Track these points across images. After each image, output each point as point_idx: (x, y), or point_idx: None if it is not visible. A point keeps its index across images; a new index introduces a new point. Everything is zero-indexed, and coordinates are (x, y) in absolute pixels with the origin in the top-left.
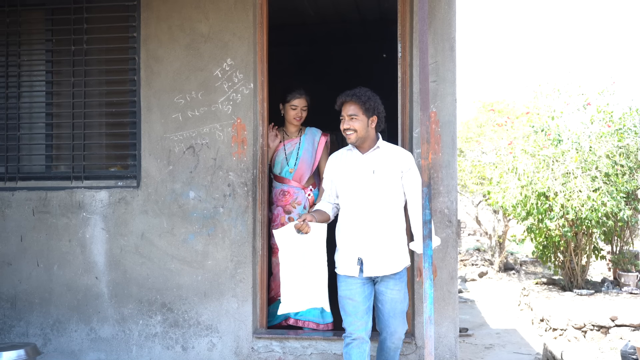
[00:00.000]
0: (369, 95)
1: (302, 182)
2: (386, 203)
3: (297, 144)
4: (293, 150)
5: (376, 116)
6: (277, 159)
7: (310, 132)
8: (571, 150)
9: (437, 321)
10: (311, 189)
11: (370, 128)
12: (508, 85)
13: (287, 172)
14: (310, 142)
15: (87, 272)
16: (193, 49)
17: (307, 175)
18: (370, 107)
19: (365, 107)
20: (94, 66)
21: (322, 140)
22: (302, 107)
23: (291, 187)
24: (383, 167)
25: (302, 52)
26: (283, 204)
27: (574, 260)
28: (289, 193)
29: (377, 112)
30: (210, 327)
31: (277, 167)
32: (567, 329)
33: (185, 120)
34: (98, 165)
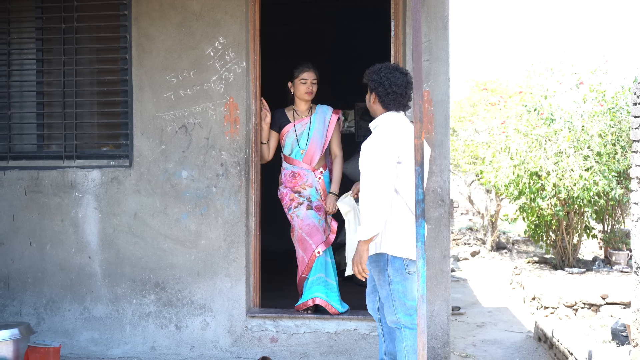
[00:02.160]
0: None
1: (313, 164)
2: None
3: (307, 124)
4: (304, 130)
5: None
6: (288, 140)
7: (321, 111)
8: (564, 130)
9: (429, 300)
10: (321, 171)
11: (374, 104)
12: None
13: (298, 153)
14: (321, 121)
15: (80, 252)
16: (185, 27)
17: (318, 156)
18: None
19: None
20: (84, 44)
21: (334, 118)
22: (312, 81)
23: (301, 168)
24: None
25: (295, 31)
26: (292, 185)
27: (566, 239)
28: (299, 175)
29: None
30: (204, 307)
31: (287, 148)
32: (558, 307)
33: (178, 99)
34: (90, 145)
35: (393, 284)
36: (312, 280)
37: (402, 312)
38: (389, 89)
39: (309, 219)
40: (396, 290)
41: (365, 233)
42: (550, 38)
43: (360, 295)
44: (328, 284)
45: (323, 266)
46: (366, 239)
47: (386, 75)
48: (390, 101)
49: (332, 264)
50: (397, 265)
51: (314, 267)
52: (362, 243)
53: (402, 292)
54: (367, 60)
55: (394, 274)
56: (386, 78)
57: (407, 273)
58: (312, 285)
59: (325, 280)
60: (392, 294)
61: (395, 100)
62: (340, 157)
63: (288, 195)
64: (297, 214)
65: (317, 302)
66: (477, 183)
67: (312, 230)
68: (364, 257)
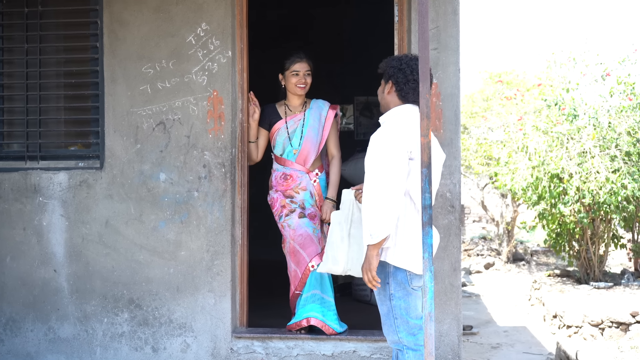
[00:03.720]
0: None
1: (307, 165)
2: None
3: (300, 120)
4: (297, 127)
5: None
6: (279, 139)
7: (316, 106)
8: (588, 127)
9: (438, 318)
10: (317, 173)
11: (388, 96)
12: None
13: (291, 153)
14: (316, 118)
15: (44, 265)
16: (163, 12)
17: (313, 157)
18: (388, 72)
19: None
20: (50, 31)
21: (331, 114)
22: (305, 72)
23: (294, 170)
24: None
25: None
26: (283, 188)
27: (591, 249)
28: (292, 177)
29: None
30: (184, 326)
31: (278, 147)
32: (582, 326)
33: (155, 92)
34: (56, 144)
35: (395, 299)
36: (307, 298)
37: (404, 332)
38: (409, 76)
39: (301, 229)
40: (398, 306)
41: (375, 235)
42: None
43: (359, 312)
44: (324, 301)
45: (318, 281)
46: (375, 242)
47: (407, 63)
48: (409, 90)
49: (328, 279)
50: (400, 278)
51: (308, 283)
52: (372, 247)
53: (404, 309)
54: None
55: (396, 288)
56: (407, 65)
57: (411, 288)
58: (307, 303)
59: (321, 297)
60: (393, 311)
61: (415, 89)
62: (338, 158)
63: (279, 201)
64: (288, 223)
65: (312, 323)
66: (491, 187)
67: (306, 241)
68: (373, 263)
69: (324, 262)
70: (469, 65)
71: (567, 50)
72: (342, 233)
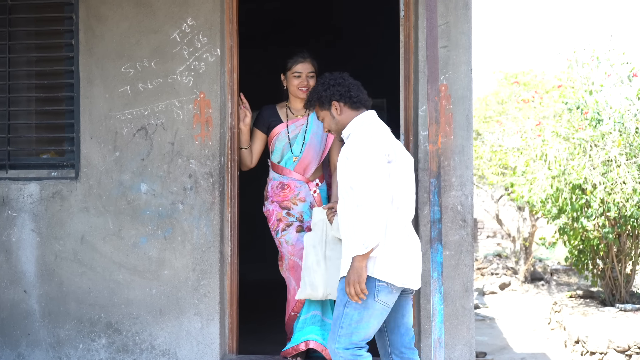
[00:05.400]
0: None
1: (307, 174)
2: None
3: (303, 126)
4: (298, 133)
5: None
6: (278, 144)
7: None
8: (613, 133)
9: (448, 344)
10: (317, 183)
11: (341, 115)
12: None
13: (290, 160)
14: (320, 123)
15: (13, 285)
16: (145, 6)
17: (314, 166)
18: (323, 99)
19: (320, 103)
20: (20, 27)
21: None
22: (308, 74)
23: (292, 179)
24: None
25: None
26: (280, 199)
27: (617, 268)
28: (289, 187)
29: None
30: (168, 353)
31: (276, 154)
32: (608, 353)
33: (136, 94)
34: (26, 151)
35: (349, 307)
36: (305, 319)
37: (342, 345)
38: (344, 83)
39: (301, 243)
40: (349, 315)
41: (367, 244)
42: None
43: None
44: (325, 323)
45: (319, 302)
46: (367, 251)
47: (331, 78)
48: (355, 95)
49: (329, 300)
50: (367, 286)
51: (307, 303)
52: (361, 258)
53: (355, 322)
54: (371, 45)
55: None
56: (333, 79)
57: (374, 300)
58: (305, 325)
59: (321, 319)
60: (341, 318)
61: (360, 93)
62: None
63: (275, 214)
64: (285, 239)
65: (311, 346)
66: (507, 198)
67: None
68: (363, 275)
69: (302, 289)
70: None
71: (590, 49)
72: (318, 257)
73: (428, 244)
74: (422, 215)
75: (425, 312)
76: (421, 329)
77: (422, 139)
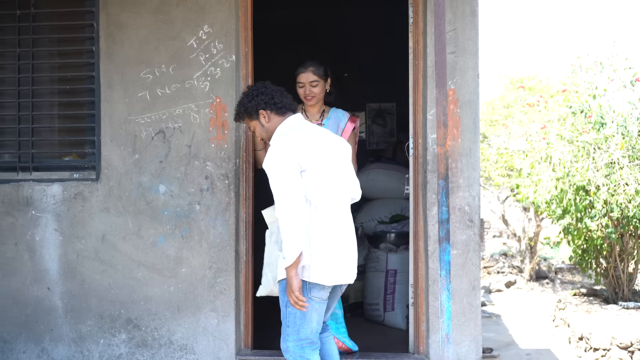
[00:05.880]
0: (240, 100)
1: None
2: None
3: None
4: None
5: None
6: None
7: (335, 116)
8: (616, 136)
9: (456, 340)
10: None
11: (270, 124)
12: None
13: None
14: (333, 129)
15: (37, 282)
16: (163, 14)
17: None
18: (250, 109)
19: (247, 113)
20: (43, 34)
21: (349, 126)
22: (311, 83)
23: None
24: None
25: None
26: None
27: (620, 267)
28: None
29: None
30: (185, 347)
31: None
32: (610, 349)
33: (154, 99)
34: (50, 154)
35: (289, 306)
36: None
37: (292, 342)
38: (267, 92)
39: None
40: (292, 314)
41: (288, 256)
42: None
43: (371, 333)
44: (335, 314)
45: None
46: (290, 262)
47: (257, 88)
48: (280, 101)
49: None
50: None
51: None
52: (289, 269)
53: (299, 318)
54: (380, 51)
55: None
56: (256, 89)
57: (309, 297)
58: None
59: (333, 313)
60: (287, 317)
61: (284, 98)
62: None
63: None
64: None
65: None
66: (513, 199)
67: None
68: (294, 284)
69: (263, 285)
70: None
71: (594, 54)
72: (280, 252)
73: (436, 244)
74: (430, 215)
75: (433, 309)
76: (429, 326)
77: (431, 142)
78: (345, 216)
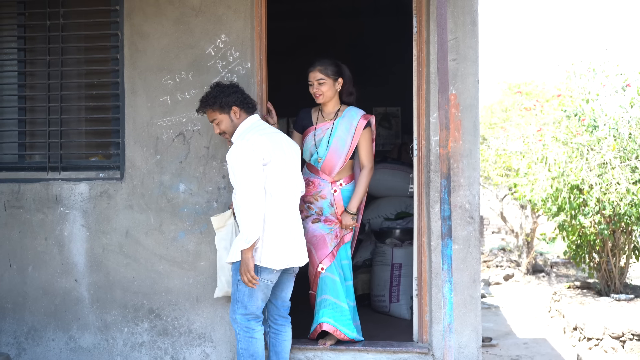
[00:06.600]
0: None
1: (332, 174)
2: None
3: (328, 130)
4: (323, 137)
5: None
6: (306, 145)
7: (349, 114)
8: (608, 138)
9: (457, 329)
10: (341, 183)
11: (238, 120)
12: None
13: (315, 161)
14: (346, 128)
15: (65, 274)
16: (183, 24)
17: (338, 167)
18: (223, 104)
19: (219, 106)
20: (71, 43)
21: (361, 123)
22: (319, 81)
23: (317, 177)
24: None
25: (305, 27)
26: (306, 194)
27: (612, 261)
28: (313, 184)
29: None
30: (204, 336)
31: (305, 153)
32: (603, 339)
33: (175, 104)
34: (77, 155)
35: (240, 284)
36: (319, 302)
37: (240, 314)
38: (241, 90)
39: (315, 231)
40: (242, 291)
41: (245, 240)
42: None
43: (378, 323)
44: (336, 306)
45: (329, 287)
46: (247, 246)
47: (231, 86)
48: (250, 102)
49: (341, 284)
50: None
51: (320, 288)
52: (246, 251)
53: (247, 295)
54: (385, 58)
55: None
56: (232, 87)
57: (260, 278)
58: (319, 308)
59: (333, 303)
60: (237, 293)
61: (253, 100)
62: (368, 170)
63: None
64: (304, 227)
65: (324, 329)
66: (511, 198)
67: (319, 242)
68: (250, 264)
69: (219, 288)
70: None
71: (587, 61)
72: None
73: (439, 239)
74: (433, 212)
75: (436, 300)
76: (432, 316)
77: (434, 144)
78: (295, 206)
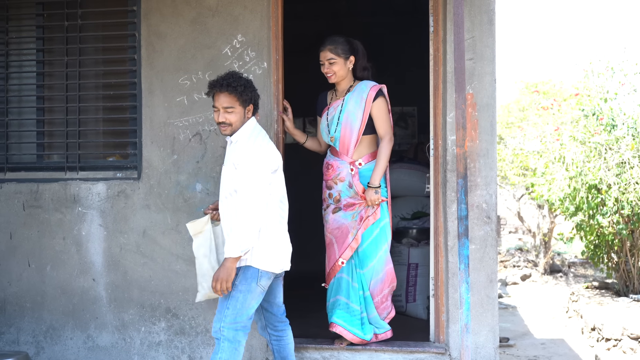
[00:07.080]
0: (244, 82)
1: (349, 153)
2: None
3: (339, 106)
4: (335, 114)
5: (252, 105)
6: (322, 126)
7: (359, 89)
8: (627, 137)
9: (474, 330)
10: (360, 163)
11: (246, 118)
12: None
13: (329, 140)
14: (356, 101)
15: (83, 274)
16: (199, 24)
17: (354, 143)
18: (247, 97)
19: (242, 98)
20: (89, 44)
21: (371, 94)
22: (329, 60)
23: (337, 160)
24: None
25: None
26: (326, 178)
27: (630, 261)
28: (332, 167)
29: (253, 101)
30: None
31: (323, 134)
32: (622, 339)
33: (192, 104)
34: (95, 155)
35: (236, 290)
36: (332, 303)
37: (228, 323)
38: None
39: (336, 222)
40: (235, 297)
41: (238, 249)
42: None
43: (393, 323)
44: (349, 308)
45: (342, 288)
46: (237, 255)
47: (249, 80)
48: (258, 104)
49: (351, 286)
50: (250, 274)
51: (335, 287)
52: (233, 260)
53: (240, 303)
54: (401, 57)
55: (242, 282)
56: (250, 81)
57: (257, 285)
58: (333, 307)
59: (345, 304)
60: (229, 300)
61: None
62: (388, 140)
63: (324, 192)
64: (325, 218)
65: (334, 330)
66: (528, 197)
67: (341, 234)
68: (232, 274)
69: (200, 293)
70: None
71: (605, 60)
72: (212, 263)
73: (456, 239)
74: (450, 212)
75: (453, 300)
76: (449, 316)
77: (450, 143)
78: (286, 212)
